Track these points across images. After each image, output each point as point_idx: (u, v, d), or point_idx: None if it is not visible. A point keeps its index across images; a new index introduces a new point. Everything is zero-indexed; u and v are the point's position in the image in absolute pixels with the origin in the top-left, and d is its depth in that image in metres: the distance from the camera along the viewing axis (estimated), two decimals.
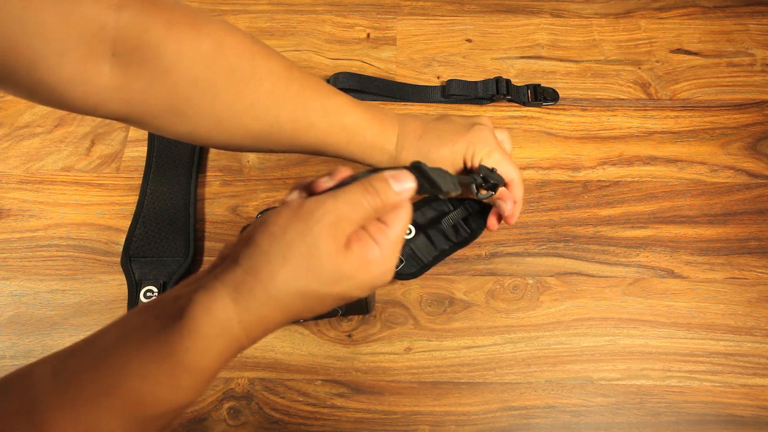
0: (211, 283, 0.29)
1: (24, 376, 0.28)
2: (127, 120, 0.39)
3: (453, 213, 0.58)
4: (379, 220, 0.32)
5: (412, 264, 0.57)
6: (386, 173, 0.32)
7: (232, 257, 0.30)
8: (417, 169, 0.33)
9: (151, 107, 0.37)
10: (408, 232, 0.58)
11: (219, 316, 0.28)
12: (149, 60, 0.35)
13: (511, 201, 0.49)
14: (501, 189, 0.49)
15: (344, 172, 0.33)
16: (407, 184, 0.32)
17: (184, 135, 0.41)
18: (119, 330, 0.29)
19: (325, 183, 0.33)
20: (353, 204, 0.30)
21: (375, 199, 0.31)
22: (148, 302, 0.31)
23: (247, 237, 0.30)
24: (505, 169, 0.48)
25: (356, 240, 0.31)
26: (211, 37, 0.37)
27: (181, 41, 0.36)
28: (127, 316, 0.30)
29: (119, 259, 0.60)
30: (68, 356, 0.29)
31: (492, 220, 0.52)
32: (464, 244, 0.58)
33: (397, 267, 0.56)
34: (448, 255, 0.58)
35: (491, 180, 0.46)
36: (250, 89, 0.40)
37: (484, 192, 0.46)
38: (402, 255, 0.57)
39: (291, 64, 0.43)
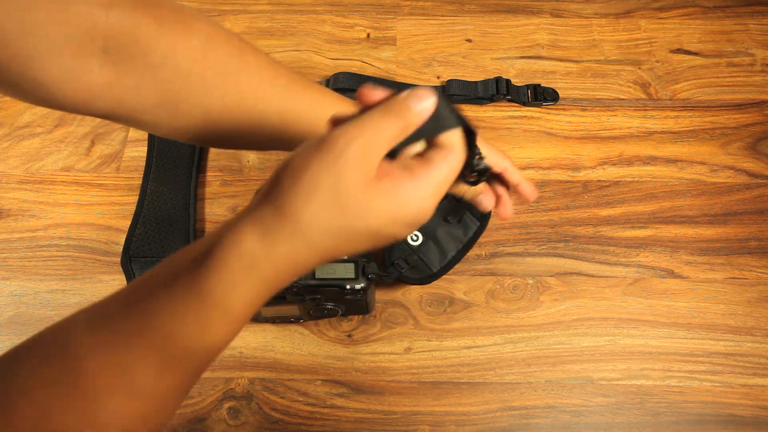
0: (239, 222, 0.28)
1: (59, 327, 0.29)
2: (119, 117, 0.39)
3: (457, 204, 0.57)
4: (424, 158, 0.30)
5: (419, 271, 0.57)
6: (403, 93, 0.29)
7: (260, 197, 0.29)
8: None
9: (142, 103, 0.38)
10: (415, 238, 0.57)
11: (245, 252, 0.27)
12: (140, 56, 0.36)
13: (500, 192, 0.46)
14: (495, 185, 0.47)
15: (368, 93, 0.30)
16: (427, 101, 0.29)
17: (174, 131, 0.41)
18: (150, 274, 0.30)
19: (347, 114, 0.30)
20: (377, 130, 0.28)
21: (398, 122, 0.28)
22: (183, 248, 0.30)
23: (274, 176, 0.29)
24: (495, 159, 0.45)
25: (389, 172, 0.28)
26: (201, 32, 0.38)
27: (172, 36, 0.36)
28: (160, 263, 0.30)
29: (119, 259, 0.60)
30: (101, 305, 0.29)
31: (499, 209, 0.47)
32: (473, 241, 0.57)
33: (401, 269, 0.56)
34: (456, 262, 0.58)
35: (479, 166, 0.40)
36: (241, 82, 0.40)
37: (472, 179, 0.41)
38: (409, 262, 0.56)
39: (277, 61, 0.43)
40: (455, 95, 0.68)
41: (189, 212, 0.62)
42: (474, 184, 0.38)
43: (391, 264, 0.56)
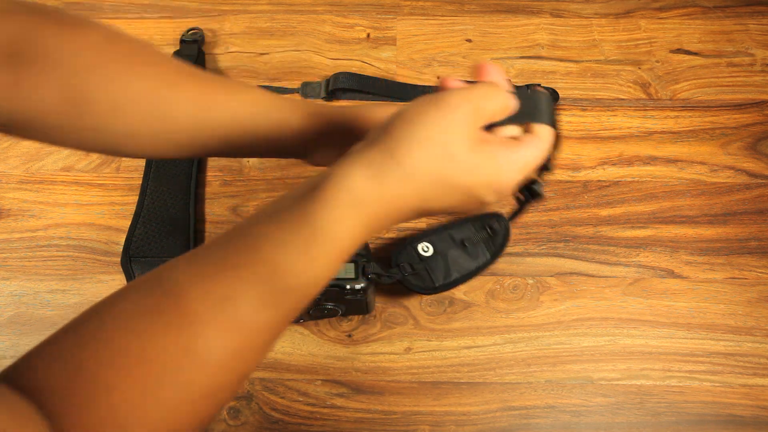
0: (348, 161, 0.29)
1: (160, 268, 0.29)
2: (22, 123, 0.37)
3: (477, 234, 0.58)
4: (518, 138, 0.33)
5: (421, 280, 0.57)
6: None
7: (367, 143, 0.30)
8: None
9: (46, 103, 0.36)
10: (426, 249, 0.57)
11: (355, 188, 0.28)
12: (40, 56, 0.36)
13: None
14: None
15: (484, 68, 0.33)
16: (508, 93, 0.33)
17: (81, 131, 0.39)
18: (252, 216, 0.31)
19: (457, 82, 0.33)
20: (485, 99, 0.31)
21: (498, 96, 0.32)
22: (285, 193, 0.31)
23: (384, 123, 0.30)
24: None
25: (488, 140, 0.31)
26: (100, 30, 0.38)
27: (71, 35, 0.37)
28: (259, 207, 0.31)
29: (119, 259, 0.60)
30: (202, 247, 0.30)
31: None
32: (478, 271, 0.57)
33: (405, 272, 0.56)
34: (457, 284, 0.57)
35: (537, 185, 0.39)
36: (149, 72, 0.39)
37: (521, 197, 0.39)
38: (415, 268, 0.56)
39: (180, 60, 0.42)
40: None
41: (189, 212, 0.62)
42: (519, 202, 0.39)
43: (396, 265, 0.56)
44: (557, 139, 0.35)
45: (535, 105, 0.34)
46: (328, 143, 0.41)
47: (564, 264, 0.61)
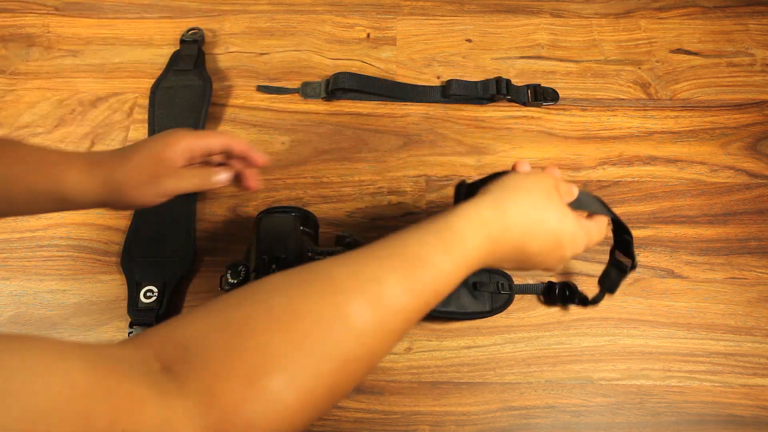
0: (477, 198, 0.38)
1: (307, 264, 0.33)
2: None
3: (488, 284, 0.58)
4: (585, 217, 0.43)
5: None
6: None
7: (488, 190, 0.39)
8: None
9: None
10: None
11: (482, 212, 0.37)
12: None
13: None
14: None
15: (551, 167, 0.46)
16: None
17: None
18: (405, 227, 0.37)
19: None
20: (560, 180, 0.42)
21: (568, 184, 0.42)
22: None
23: (498, 181, 0.40)
24: (218, 140, 0.48)
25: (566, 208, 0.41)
26: None
27: None
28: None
29: (119, 259, 0.60)
30: (344, 254, 0.34)
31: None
32: (474, 317, 0.57)
33: None
34: (451, 318, 0.57)
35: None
36: None
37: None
38: None
39: None
40: (455, 95, 0.68)
41: (189, 212, 0.62)
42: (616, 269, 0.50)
43: None
44: (619, 227, 0.48)
45: (591, 199, 0.45)
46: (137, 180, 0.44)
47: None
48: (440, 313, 0.56)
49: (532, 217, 0.38)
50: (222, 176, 0.47)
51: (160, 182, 0.44)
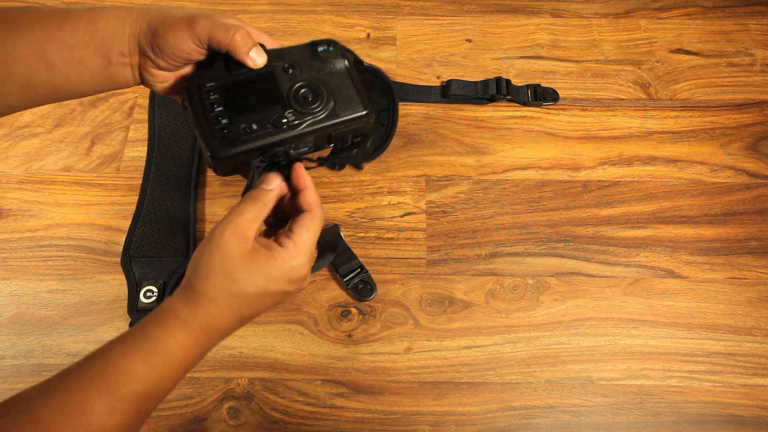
0: (174, 296, 0.38)
1: (17, 395, 0.33)
2: None
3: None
4: (289, 228, 0.40)
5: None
6: (259, 180, 0.41)
7: (184, 281, 0.39)
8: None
9: None
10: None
11: (178, 314, 0.37)
12: None
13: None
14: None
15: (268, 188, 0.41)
16: (274, 182, 0.41)
17: None
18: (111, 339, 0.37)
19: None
20: (242, 213, 0.38)
21: (256, 203, 0.39)
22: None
23: (189, 266, 0.39)
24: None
25: (262, 244, 0.38)
26: None
27: None
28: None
29: (119, 259, 0.60)
30: (59, 374, 0.34)
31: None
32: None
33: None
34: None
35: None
36: None
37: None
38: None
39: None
40: (455, 95, 0.68)
41: (189, 212, 0.62)
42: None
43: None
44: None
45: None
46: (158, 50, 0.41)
47: (564, 264, 0.61)
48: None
49: (228, 297, 0.37)
50: (259, 58, 0.42)
51: (196, 22, 0.39)
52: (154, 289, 0.58)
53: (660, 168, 0.65)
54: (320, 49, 0.45)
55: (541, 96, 0.68)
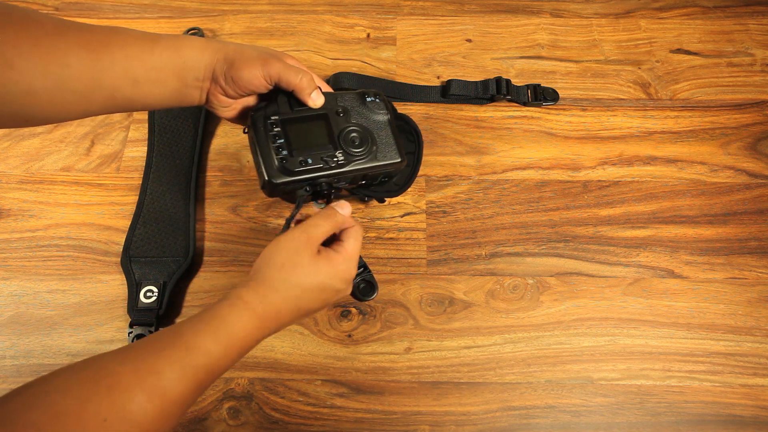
0: (241, 284, 0.43)
1: (93, 357, 0.36)
2: None
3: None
4: (339, 239, 0.46)
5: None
6: (333, 203, 0.47)
7: (250, 273, 0.44)
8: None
9: None
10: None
11: (245, 299, 0.41)
12: None
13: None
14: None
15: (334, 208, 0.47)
16: (346, 209, 0.47)
17: None
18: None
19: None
20: (317, 227, 0.45)
21: (329, 219, 0.46)
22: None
23: (258, 261, 0.44)
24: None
25: (323, 250, 0.45)
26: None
27: None
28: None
29: (119, 259, 0.60)
30: (131, 344, 0.38)
31: None
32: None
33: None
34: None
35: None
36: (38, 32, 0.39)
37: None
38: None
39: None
40: (455, 95, 0.68)
41: (189, 212, 0.62)
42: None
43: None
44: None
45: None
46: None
47: (564, 264, 0.61)
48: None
49: (291, 286, 0.42)
50: (319, 99, 0.49)
51: (269, 62, 0.46)
52: (154, 289, 0.58)
53: (660, 168, 0.65)
54: (368, 99, 0.52)
55: (541, 96, 0.68)
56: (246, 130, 0.50)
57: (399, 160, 0.51)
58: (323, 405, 0.55)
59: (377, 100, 0.52)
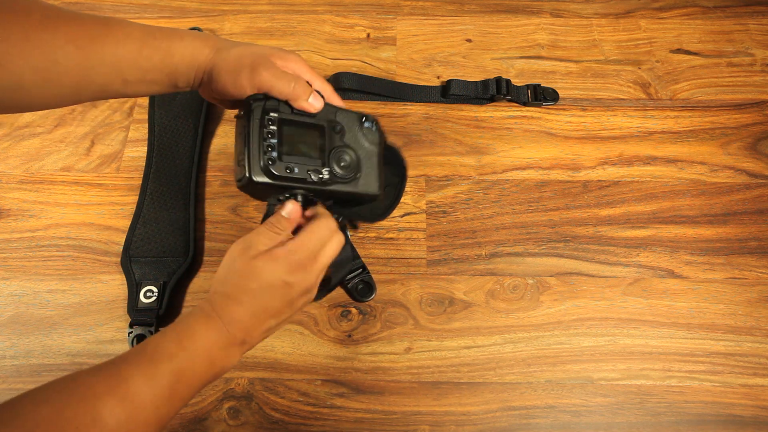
0: (203, 301, 0.43)
1: (73, 373, 0.37)
2: None
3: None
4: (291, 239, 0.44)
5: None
6: (277, 206, 0.46)
7: (211, 291, 0.44)
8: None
9: None
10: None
11: (204, 307, 0.42)
12: None
13: None
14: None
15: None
16: (288, 207, 0.45)
17: None
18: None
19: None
20: (258, 234, 0.43)
21: (273, 229, 0.44)
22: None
23: (218, 274, 0.44)
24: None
25: (269, 250, 0.43)
26: None
27: None
28: None
29: (119, 259, 0.60)
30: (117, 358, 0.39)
31: None
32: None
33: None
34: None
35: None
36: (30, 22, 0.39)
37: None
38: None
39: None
40: (455, 95, 0.68)
41: (189, 212, 0.62)
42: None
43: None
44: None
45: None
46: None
47: (564, 264, 0.61)
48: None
49: (241, 287, 0.42)
50: (317, 103, 0.47)
51: (258, 72, 0.44)
52: (154, 289, 0.58)
53: (660, 168, 0.65)
54: (366, 124, 0.51)
55: (541, 96, 0.68)
56: (239, 116, 0.47)
57: (377, 192, 0.50)
58: (323, 405, 0.55)
59: (373, 129, 0.51)
